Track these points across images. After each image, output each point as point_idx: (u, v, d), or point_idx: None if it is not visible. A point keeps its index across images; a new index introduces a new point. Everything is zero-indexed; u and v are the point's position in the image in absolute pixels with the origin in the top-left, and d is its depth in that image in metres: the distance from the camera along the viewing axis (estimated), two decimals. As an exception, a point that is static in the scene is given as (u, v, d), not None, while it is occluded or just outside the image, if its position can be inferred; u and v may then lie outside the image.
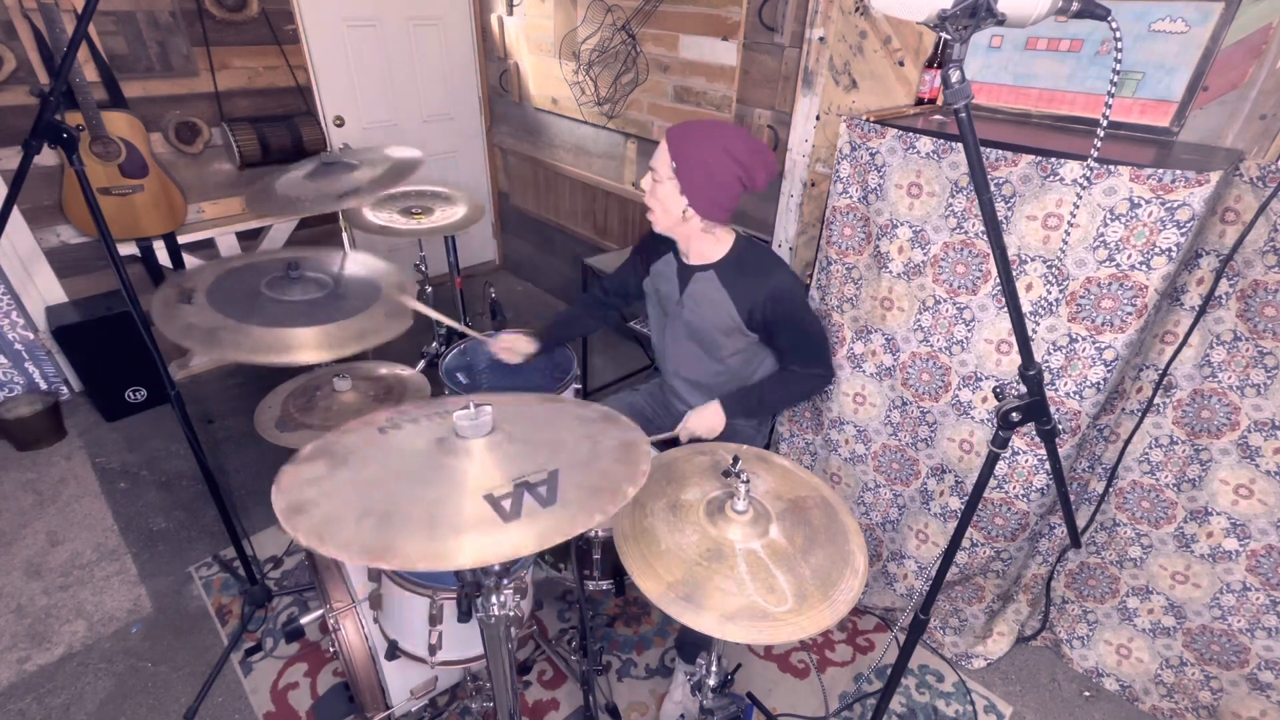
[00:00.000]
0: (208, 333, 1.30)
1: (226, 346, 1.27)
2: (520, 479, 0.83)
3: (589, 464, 0.89)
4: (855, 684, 1.84)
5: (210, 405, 2.88)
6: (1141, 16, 1.48)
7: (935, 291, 1.57)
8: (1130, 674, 1.82)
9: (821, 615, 0.92)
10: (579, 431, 0.97)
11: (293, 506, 0.78)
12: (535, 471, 0.85)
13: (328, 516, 0.77)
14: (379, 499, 0.80)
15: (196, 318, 1.33)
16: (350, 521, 0.76)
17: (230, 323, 1.32)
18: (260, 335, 1.30)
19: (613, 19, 2.67)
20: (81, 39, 1.19)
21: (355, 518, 0.77)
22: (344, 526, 0.75)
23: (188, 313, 1.34)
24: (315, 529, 0.75)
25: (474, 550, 0.73)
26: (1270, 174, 1.27)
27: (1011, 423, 0.98)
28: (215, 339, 1.28)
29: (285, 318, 1.37)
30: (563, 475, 0.85)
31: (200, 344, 1.28)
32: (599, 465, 0.89)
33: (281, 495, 0.81)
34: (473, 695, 1.58)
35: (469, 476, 0.83)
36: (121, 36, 2.52)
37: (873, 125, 1.55)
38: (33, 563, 2.10)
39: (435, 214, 2.25)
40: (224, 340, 1.28)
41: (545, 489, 0.83)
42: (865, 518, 1.98)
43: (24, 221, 2.54)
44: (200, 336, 1.29)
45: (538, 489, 0.82)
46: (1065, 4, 0.76)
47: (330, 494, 0.81)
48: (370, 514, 0.77)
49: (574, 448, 0.92)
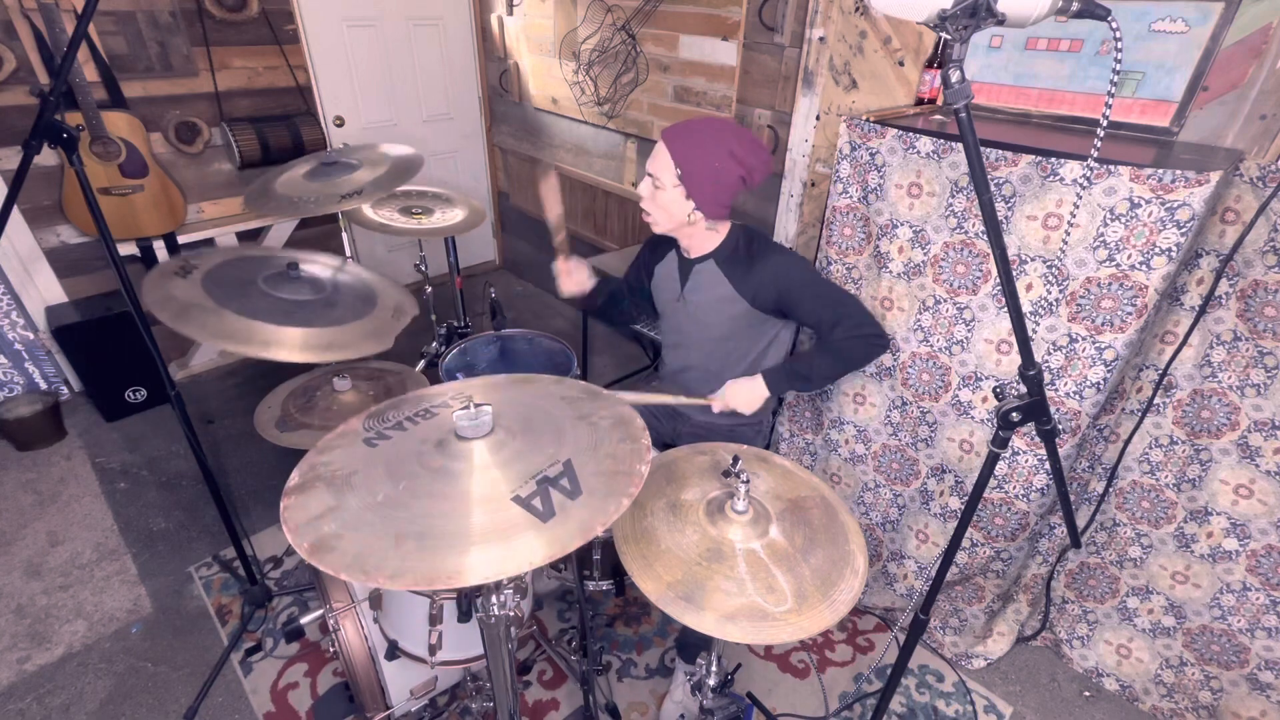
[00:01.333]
0: (182, 307, 1.32)
1: (193, 325, 1.30)
2: (539, 474, 0.83)
3: (596, 448, 0.90)
4: (855, 684, 1.84)
5: (210, 405, 2.88)
6: (1141, 16, 1.48)
7: (935, 291, 1.57)
8: (1130, 674, 1.82)
9: (821, 615, 0.92)
10: (570, 413, 0.98)
11: (317, 546, 0.75)
12: (550, 465, 0.85)
13: (361, 549, 0.73)
14: (405, 520, 0.77)
15: (180, 292, 1.35)
16: (389, 549, 0.73)
17: (210, 304, 1.34)
18: (231, 322, 1.32)
19: (613, 19, 2.67)
20: (81, 39, 1.19)
21: (392, 544, 0.74)
22: (386, 556, 0.72)
23: (176, 285, 1.36)
24: (354, 564, 0.71)
25: (527, 553, 0.72)
26: (1270, 174, 1.27)
27: (1011, 423, 0.98)
28: (186, 315, 1.30)
29: (266, 312, 1.38)
30: (576, 464, 0.86)
31: (171, 316, 1.30)
32: (605, 448, 0.90)
33: (299, 536, 0.76)
34: (473, 695, 1.58)
35: (487, 480, 0.82)
36: (121, 36, 2.52)
37: (873, 125, 1.55)
38: (33, 563, 2.10)
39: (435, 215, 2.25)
40: (192, 318, 1.30)
41: (567, 481, 0.83)
42: (865, 518, 1.98)
43: (24, 221, 2.54)
44: (174, 309, 1.32)
45: (560, 482, 0.83)
46: (1065, 4, 0.76)
47: (351, 524, 0.78)
48: (405, 536, 0.74)
49: (574, 433, 0.93)
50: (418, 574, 0.70)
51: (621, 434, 0.93)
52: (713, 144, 1.35)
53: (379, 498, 0.81)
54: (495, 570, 0.71)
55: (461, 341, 1.95)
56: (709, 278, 1.52)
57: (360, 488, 0.83)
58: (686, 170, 1.36)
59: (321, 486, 0.84)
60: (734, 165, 1.35)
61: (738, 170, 1.35)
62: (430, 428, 0.94)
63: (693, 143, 1.36)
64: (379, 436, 0.94)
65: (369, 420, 0.98)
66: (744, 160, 1.35)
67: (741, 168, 1.35)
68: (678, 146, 1.36)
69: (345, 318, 1.44)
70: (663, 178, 1.39)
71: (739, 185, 1.38)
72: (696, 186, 1.37)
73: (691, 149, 1.35)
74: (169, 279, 1.38)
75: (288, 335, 1.34)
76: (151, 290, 1.33)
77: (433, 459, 0.87)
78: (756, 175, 1.38)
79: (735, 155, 1.34)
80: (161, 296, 1.32)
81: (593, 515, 0.78)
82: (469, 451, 0.86)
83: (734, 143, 1.35)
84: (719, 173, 1.35)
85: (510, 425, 0.92)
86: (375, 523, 0.77)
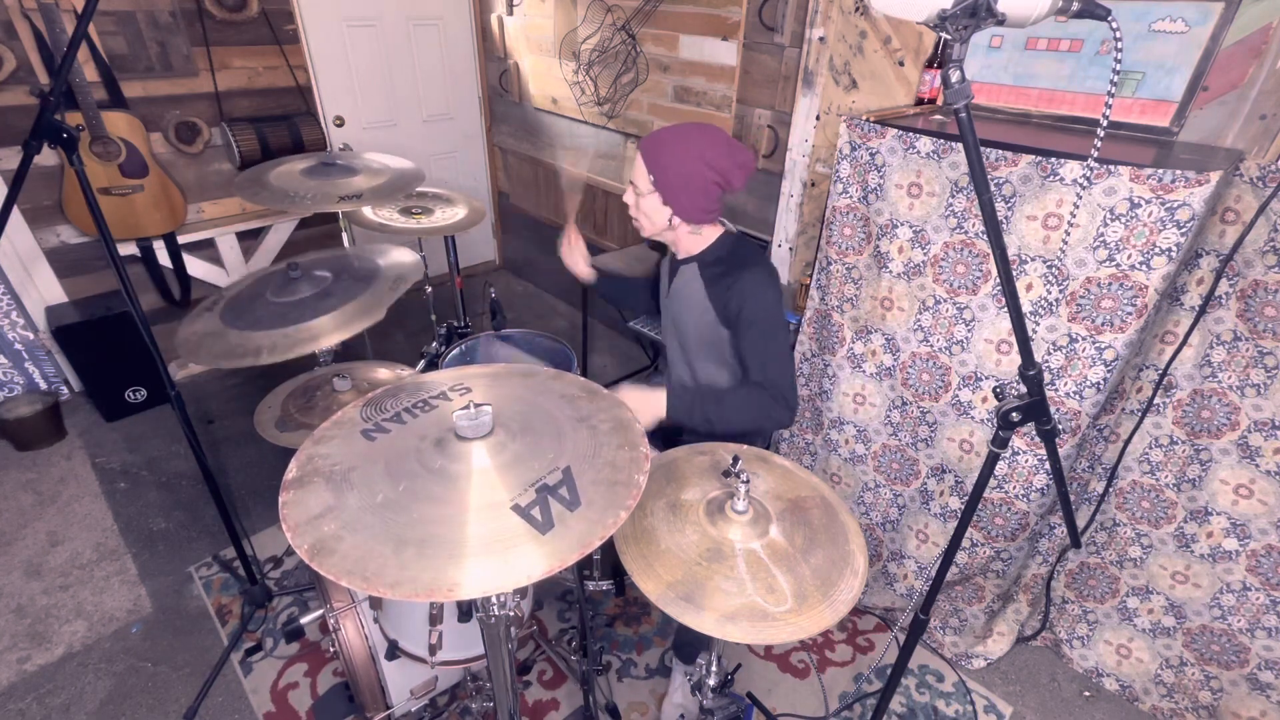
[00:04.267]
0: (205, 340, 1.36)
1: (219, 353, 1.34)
2: (539, 482, 0.83)
3: (595, 455, 0.89)
4: (855, 684, 1.84)
5: (210, 405, 2.88)
6: (1141, 16, 1.48)
7: (935, 291, 1.57)
8: (1130, 674, 1.82)
9: (821, 615, 0.92)
10: (570, 414, 0.97)
11: (317, 547, 0.73)
12: (549, 471, 0.84)
13: (362, 554, 0.72)
14: (405, 524, 0.76)
15: (202, 326, 1.39)
16: (389, 556, 0.72)
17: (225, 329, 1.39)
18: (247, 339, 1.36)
19: (613, 19, 2.67)
20: (81, 39, 1.19)
21: (392, 550, 0.72)
22: (386, 563, 0.71)
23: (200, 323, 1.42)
24: (354, 568, 0.70)
25: (526, 568, 0.71)
26: (1270, 174, 1.27)
27: (1011, 423, 0.98)
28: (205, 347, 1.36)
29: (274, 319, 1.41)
30: (575, 471, 0.85)
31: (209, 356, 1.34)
32: (604, 454, 0.89)
33: (299, 536, 0.75)
34: (473, 695, 1.58)
35: (486, 486, 0.82)
36: (121, 36, 2.52)
37: (873, 125, 1.54)
38: (33, 563, 2.10)
39: (435, 214, 2.25)
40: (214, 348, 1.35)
41: (566, 490, 0.82)
42: (865, 518, 1.98)
43: (24, 221, 2.54)
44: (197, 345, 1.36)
45: (559, 491, 0.82)
46: (1065, 4, 0.76)
47: (351, 525, 0.76)
48: (406, 543, 0.73)
49: (574, 437, 0.92)
50: (418, 584, 0.69)
51: (620, 439, 0.92)
52: (682, 151, 1.34)
53: (379, 499, 0.80)
54: (494, 584, 0.70)
55: (461, 341, 1.95)
56: (689, 280, 1.50)
57: (360, 486, 0.82)
58: (659, 177, 1.36)
59: (320, 482, 0.83)
60: (705, 170, 1.33)
61: (709, 175, 1.34)
62: (429, 422, 0.93)
63: (663, 150, 1.35)
64: (377, 429, 0.92)
65: (367, 409, 0.97)
66: (715, 164, 1.33)
67: (713, 172, 1.34)
68: (649, 155, 1.37)
69: (341, 301, 1.46)
70: (640, 185, 1.40)
71: (715, 190, 1.37)
72: (670, 192, 1.37)
73: (661, 156, 1.35)
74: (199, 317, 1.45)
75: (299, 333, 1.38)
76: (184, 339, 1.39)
77: (432, 459, 0.86)
78: (734, 178, 1.36)
79: (705, 160, 1.33)
80: (188, 338, 1.39)
81: (590, 529, 0.77)
82: (468, 452, 0.86)
83: (704, 148, 1.33)
84: (689, 178, 1.34)
85: (510, 425, 0.92)
86: (375, 525, 0.76)
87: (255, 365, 1.31)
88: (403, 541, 0.74)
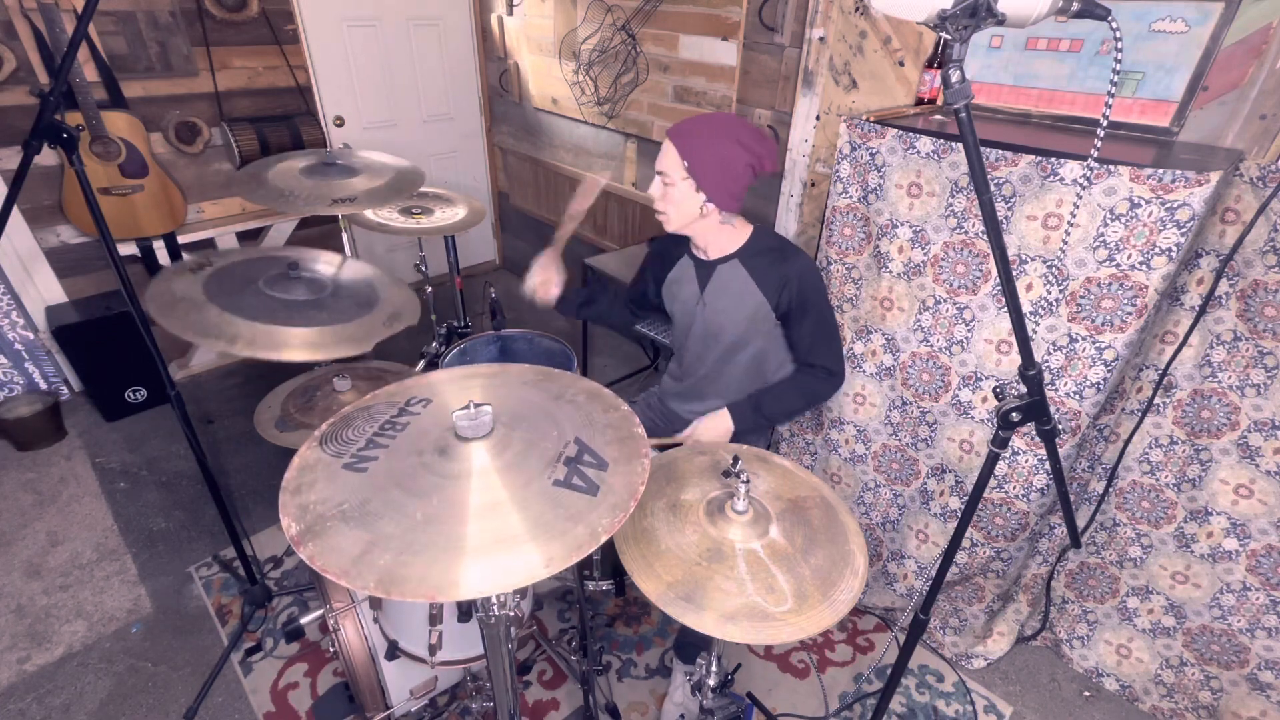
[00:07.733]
0: (174, 303, 1.34)
1: (179, 322, 1.30)
2: (560, 457, 0.85)
3: (590, 423, 0.93)
4: (855, 684, 1.84)
5: (210, 405, 2.88)
6: (1141, 16, 1.48)
7: (935, 291, 1.57)
8: (1130, 674, 1.82)
9: (821, 615, 0.92)
10: (545, 396, 1.00)
11: (384, 581, 0.72)
12: (564, 445, 0.87)
13: (426, 570, 0.72)
14: (459, 534, 0.75)
15: (180, 289, 1.38)
16: (452, 565, 0.72)
17: (203, 302, 1.37)
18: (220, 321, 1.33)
19: (613, 19, 2.67)
20: (81, 39, 1.19)
21: (459, 560, 0.73)
22: (465, 572, 0.72)
23: (179, 282, 1.39)
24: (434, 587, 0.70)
25: (591, 531, 0.75)
26: (1270, 174, 1.27)
27: (1011, 423, 0.98)
28: (173, 311, 1.32)
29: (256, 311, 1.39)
30: (586, 439, 0.88)
31: (159, 311, 1.31)
32: (598, 420, 0.94)
33: (356, 579, 0.71)
34: (473, 695, 1.58)
35: (510, 475, 0.83)
36: (121, 36, 2.52)
37: (873, 125, 1.54)
38: (33, 563, 2.10)
39: (435, 214, 2.25)
40: (182, 316, 1.32)
41: (588, 456, 0.85)
42: (865, 518, 1.98)
43: (24, 221, 2.54)
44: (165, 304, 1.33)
45: (583, 459, 0.85)
46: (1065, 4, 0.76)
47: (407, 549, 0.74)
48: (465, 551, 0.74)
49: (563, 413, 0.95)
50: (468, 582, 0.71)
51: (600, 404, 0.98)
52: (717, 133, 1.36)
53: (419, 516, 0.77)
54: (573, 554, 0.73)
55: (461, 341, 1.95)
56: (731, 277, 1.50)
57: (387, 513, 0.78)
58: (693, 161, 1.36)
59: (339, 524, 0.77)
60: (740, 151, 1.35)
61: (745, 157, 1.35)
62: (413, 436, 0.90)
63: (697, 134, 1.37)
64: (360, 459, 0.86)
65: (328, 446, 0.90)
66: (750, 147, 1.35)
67: (748, 154, 1.35)
68: (683, 140, 1.37)
69: (334, 319, 1.44)
70: (671, 173, 1.39)
71: (748, 172, 1.38)
72: (705, 177, 1.37)
73: (696, 140, 1.36)
74: (182, 274, 1.40)
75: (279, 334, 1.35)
76: (160, 285, 1.35)
77: (445, 466, 0.84)
78: (765, 163, 1.38)
79: (741, 142, 1.35)
80: (162, 293, 1.34)
81: (629, 479, 0.82)
82: (474, 452, 0.86)
83: (738, 131, 1.36)
84: (725, 160, 1.35)
85: (500, 419, 0.91)
86: (434, 541, 0.74)
87: (227, 352, 1.28)
88: (464, 550, 0.74)
